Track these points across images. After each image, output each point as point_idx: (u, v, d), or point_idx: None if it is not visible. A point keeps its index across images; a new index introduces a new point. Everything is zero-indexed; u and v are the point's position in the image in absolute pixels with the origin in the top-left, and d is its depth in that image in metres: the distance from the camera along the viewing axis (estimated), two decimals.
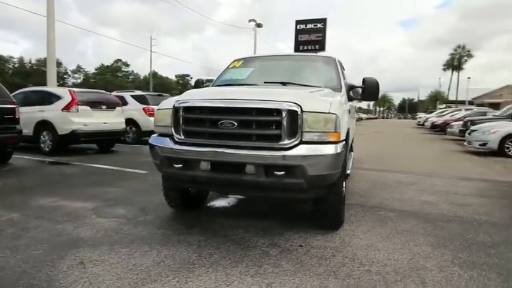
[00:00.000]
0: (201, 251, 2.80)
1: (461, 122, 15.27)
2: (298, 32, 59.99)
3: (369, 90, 3.91)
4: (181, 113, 3.01)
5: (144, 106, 10.54)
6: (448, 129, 16.61)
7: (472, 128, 10.96)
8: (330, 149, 2.79)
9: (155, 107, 10.64)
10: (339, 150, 2.83)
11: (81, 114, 7.77)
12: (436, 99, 65.06)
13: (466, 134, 11.13)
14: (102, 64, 70.53)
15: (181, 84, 79.73)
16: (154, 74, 57.49)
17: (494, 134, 9.74)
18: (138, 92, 11.31)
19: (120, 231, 3.20)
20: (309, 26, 57.56)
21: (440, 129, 20.19)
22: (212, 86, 4.31)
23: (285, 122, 2.76)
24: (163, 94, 11.90)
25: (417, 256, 2.80)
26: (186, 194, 3.67)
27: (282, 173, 2.74)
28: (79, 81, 63.69)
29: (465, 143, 11.19)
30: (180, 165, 2.99)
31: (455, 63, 57.91)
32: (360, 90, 4.03)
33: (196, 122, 3.01)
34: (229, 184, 3.02)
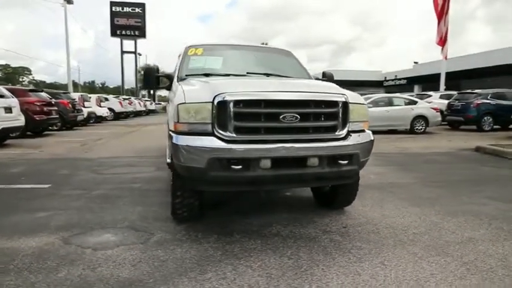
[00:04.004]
0: (278, 254, 2.64)
1: None
2: (113, 14, 54.76)
3: (329, 81, 4.42)
4: (231, 107, 2.65)
5: None
6: None
7: None
8: (370, 136, 3.13)
9: None
10: (373, 137, 3.21)
11: None
12: None
13: None
14: None
15: None
16: None
17: None
18: None
19: (161, 257, 2.56)
20: (126, 9, 53.45)
21: None
22: (185, 75, 3.78)
23: (340, 113, 2.90)
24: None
25: (422, 216, 3.55)
26: (202, 202, 3.22)
27: (345, 161, 2.89)
28: None
29: None
30: (240, 167, 2.65)
31: None
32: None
33: (253, 116, 2.72)
34: (292, 179, 2.91)
